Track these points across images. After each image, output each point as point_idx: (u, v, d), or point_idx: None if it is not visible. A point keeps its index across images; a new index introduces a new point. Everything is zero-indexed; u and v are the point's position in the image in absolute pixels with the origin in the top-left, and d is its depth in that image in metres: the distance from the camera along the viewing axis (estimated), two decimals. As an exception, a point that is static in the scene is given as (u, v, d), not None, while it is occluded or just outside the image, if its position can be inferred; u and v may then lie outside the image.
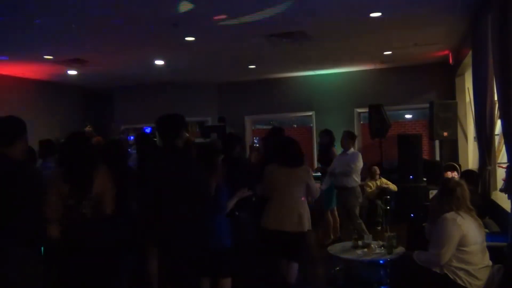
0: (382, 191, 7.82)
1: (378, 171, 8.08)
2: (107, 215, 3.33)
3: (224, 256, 3.88)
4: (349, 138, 6.35)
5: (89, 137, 3.95)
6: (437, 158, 9.01)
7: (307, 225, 4.36)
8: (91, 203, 3.22)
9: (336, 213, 6.72)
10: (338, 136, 6.67)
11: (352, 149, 6.34)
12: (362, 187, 8.22)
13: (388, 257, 4.49)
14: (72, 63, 7.79)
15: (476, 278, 3.35)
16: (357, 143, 9.81)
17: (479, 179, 5.40)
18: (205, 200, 3.58)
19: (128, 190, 3.96)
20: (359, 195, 6.21)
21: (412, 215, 6.23)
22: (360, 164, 6.18)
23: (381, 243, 4.82)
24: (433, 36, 6.92)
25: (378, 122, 8.26)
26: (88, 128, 8.28)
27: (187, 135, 7.87)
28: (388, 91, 9.37)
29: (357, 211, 6.19)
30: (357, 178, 6.16)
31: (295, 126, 11.24)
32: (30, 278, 2.70)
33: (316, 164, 8.32)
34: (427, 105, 7.96)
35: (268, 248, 4.49)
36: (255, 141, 6.46)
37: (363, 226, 6.10)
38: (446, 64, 8.70)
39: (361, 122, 10.02)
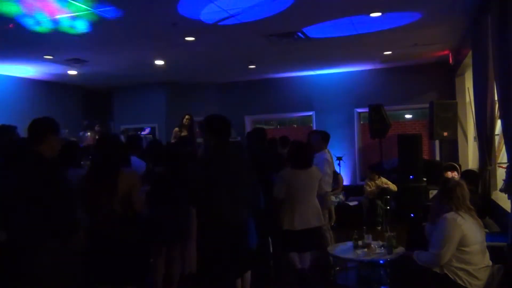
0: (382, 191, 7.82)
1: (374, 174, 8.06)
2: (136, 212, 3.46)
3: (251, 252, 4.03)
4: (320, 139, 5.79)
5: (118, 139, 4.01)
6: (437, 158, 9.01)
7: (323, 218, 4.89)
8: (120, 200, 3.35)
9: None
10: (336, 136, 6.59)
11: (322, 152, 5.65)
12: (361, 187, 8.30)
13: (388, 257, 4.49)
14: (72, 63, 7.79)
15: (476, 278, 3.35)
16: (357, 143, 9.86)
17: (479, 179, 5.40)
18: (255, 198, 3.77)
19: None
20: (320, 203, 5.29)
21: (412, 215, 6.23)
22: (321, 170, 5.30)
23: (381, 243, 4.82)
24: (433, 36, 6.92)
25: (378, 122, 8.26)
26: (98, 128, 8.32)
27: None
28: (388, 91, 9.38)
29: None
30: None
31: (295, 126, 11.24)
32: (63, 270, 2.80)
33: None
34: (427, 105, 7.96)
35: (292, 247, 4.70)
36: None
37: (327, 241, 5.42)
38: (446, 64, 8.71)
39: (361, 122, 10.02)
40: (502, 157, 5.90)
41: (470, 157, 8.33)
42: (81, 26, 5.58)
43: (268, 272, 5.09)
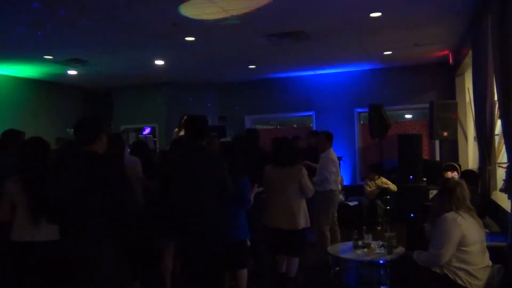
0: (382, 191, 7.82)
1: (374, 174, 8.07)
2: None
3: (243, 248, 4.09)
4: (324, 139, 5.76)
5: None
6: (437, 158, 9.01)
7: (301, 223, 4.50)
8: None
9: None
10: (336, 136, 6.57)
11: (327, 151, 5.68)
12: (361, 187, 8.31)
13: (388, 257, 4.48)
14: (72, 63, 7.79)
15: (476, 278, 3.34)
16: (357, 143, 9.87)
17: (479, 179, 5.39)
18: (227, 196, 3.69)
19: None
20: (325, 201, 5.52)
21: (412, 215, 6.22)
22: (323, 168, 5.55)
23: (381, 243, 4.82)
24: (433, 36, 6.92)
25: (378, 122, 8.26)
26: None
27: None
28: (388, 91, 9.38)
29: (323, 221, 5.51)
30: (325, 183, 5.46)
31: (295, 126, 11.24)
32: (118, 267, 2.84)
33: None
34: (427, 105, 7.96)
35: (268, 245, 4.65)
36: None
37: (327, 237, 5.48)
38: (446, 64, 8.71)
39: (361, 122, 10.02)
40: (502, 157, 5.90)
41: (470, 157, 8.33)
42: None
43: (260, 270, 5.05)
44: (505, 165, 4.47)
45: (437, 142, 8.93)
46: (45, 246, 3.15)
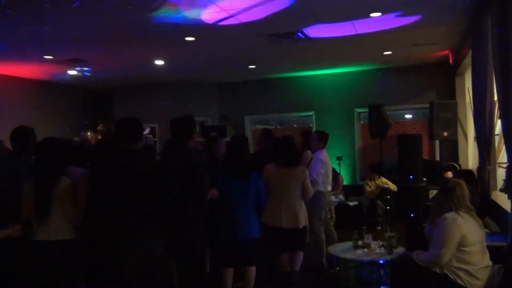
0: (382, 191, 7.83)
1: (374, 174, 8.08)
2: None
3: (253, 246, 4.16)
4: (317, 138, 5.70)
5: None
6: (437, 158, 9.01)
7: (302, 222, 4.58)
8: None
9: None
10: (336, 136, 6.55)
11: (318, 152, 5.61)
12: (361, 186, 8.32)
13: (388, 257, 4.49)
14: (72, 63, 7.78)
15: (476, 278, 3.35)
16: (357, 143, 9.86)
17: (476, 178, 5.39)
18: (203, 193, 3.79)
19: None
20: (313, 203, 5.31)
21: (412, 215, 6.22)
22: (312, 170, 5.39)
23: (381, 243, 4.82)
24: (433, 36, 6.92)
25: (378, 122, 8.27)
26: (100, 127, 8.31)
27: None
28: (388, 91, 9.38)
29: (316, 223, 5.39)
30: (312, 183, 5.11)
31: (295, 126, 11.24)
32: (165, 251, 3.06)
33: None
34: (427, 105, 7.97)
35: (268, 242, 4.64)
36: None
37: (322, 240, 5.44)
38: (446, 64, 8.70)
39: (361, 122, 10.02)
40: (502, 157, 5.90)
41: (470, 157, 8.33)
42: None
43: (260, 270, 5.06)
44: (505, 165, 4.47)
45: (437, 142, 8.93)
46: (56, 245, 3.21)
